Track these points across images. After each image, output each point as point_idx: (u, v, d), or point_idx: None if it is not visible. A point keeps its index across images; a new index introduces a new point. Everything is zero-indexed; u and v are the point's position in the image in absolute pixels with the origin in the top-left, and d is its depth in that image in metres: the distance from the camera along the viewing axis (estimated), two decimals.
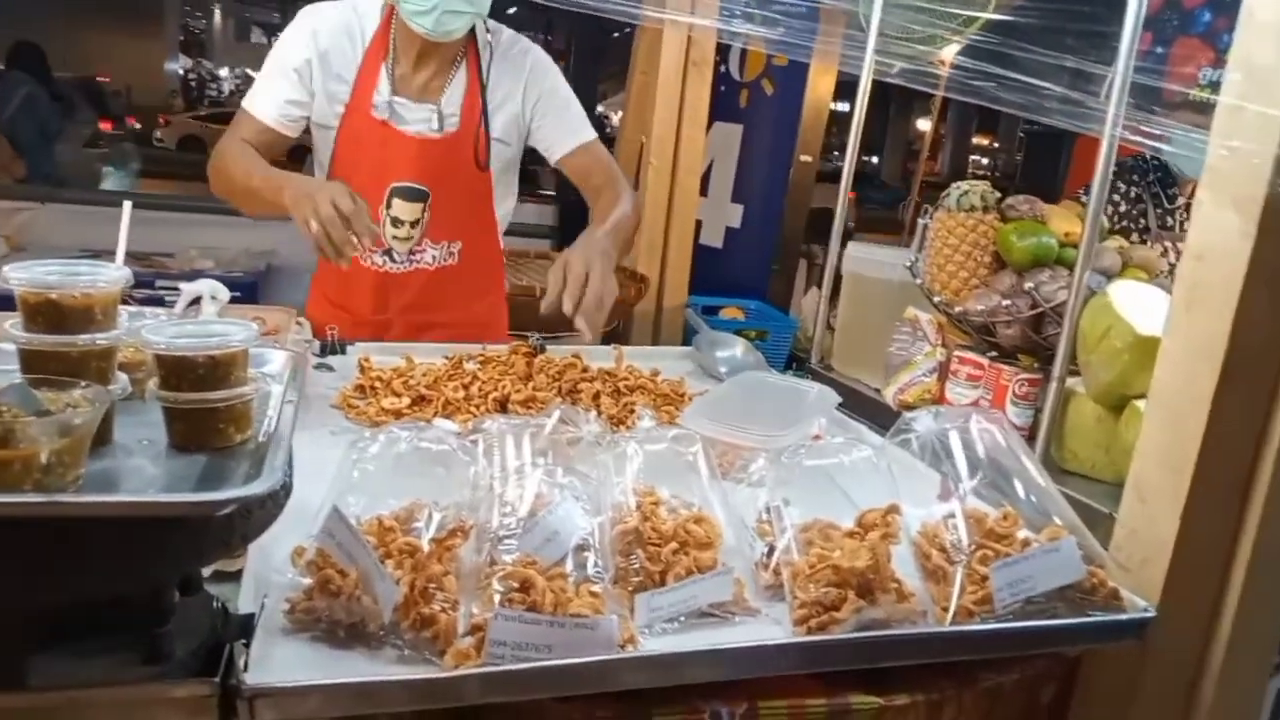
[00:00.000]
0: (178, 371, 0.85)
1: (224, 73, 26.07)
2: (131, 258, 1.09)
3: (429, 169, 1.99)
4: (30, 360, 0.83)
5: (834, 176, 2.31)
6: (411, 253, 2.05)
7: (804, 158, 3.76)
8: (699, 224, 3.52)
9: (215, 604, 0.88)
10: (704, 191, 3.62)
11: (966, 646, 1.06)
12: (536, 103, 2.05)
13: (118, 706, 0.79)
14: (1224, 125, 1.17)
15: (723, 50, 3.69)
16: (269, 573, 0.99)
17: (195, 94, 22.59)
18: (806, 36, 2.21)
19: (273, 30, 25.04)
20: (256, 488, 0.73)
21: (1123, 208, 2.75)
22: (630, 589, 1.04)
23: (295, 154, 2.31)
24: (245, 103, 1.97)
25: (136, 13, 18.02)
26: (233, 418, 0.88)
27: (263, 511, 0.81)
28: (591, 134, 2.08)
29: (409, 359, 1.84)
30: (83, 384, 0.78)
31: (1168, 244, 2.23)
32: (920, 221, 1.95)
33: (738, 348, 2.15)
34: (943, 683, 1.10)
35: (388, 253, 2.04)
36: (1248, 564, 1.19)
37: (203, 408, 0.85)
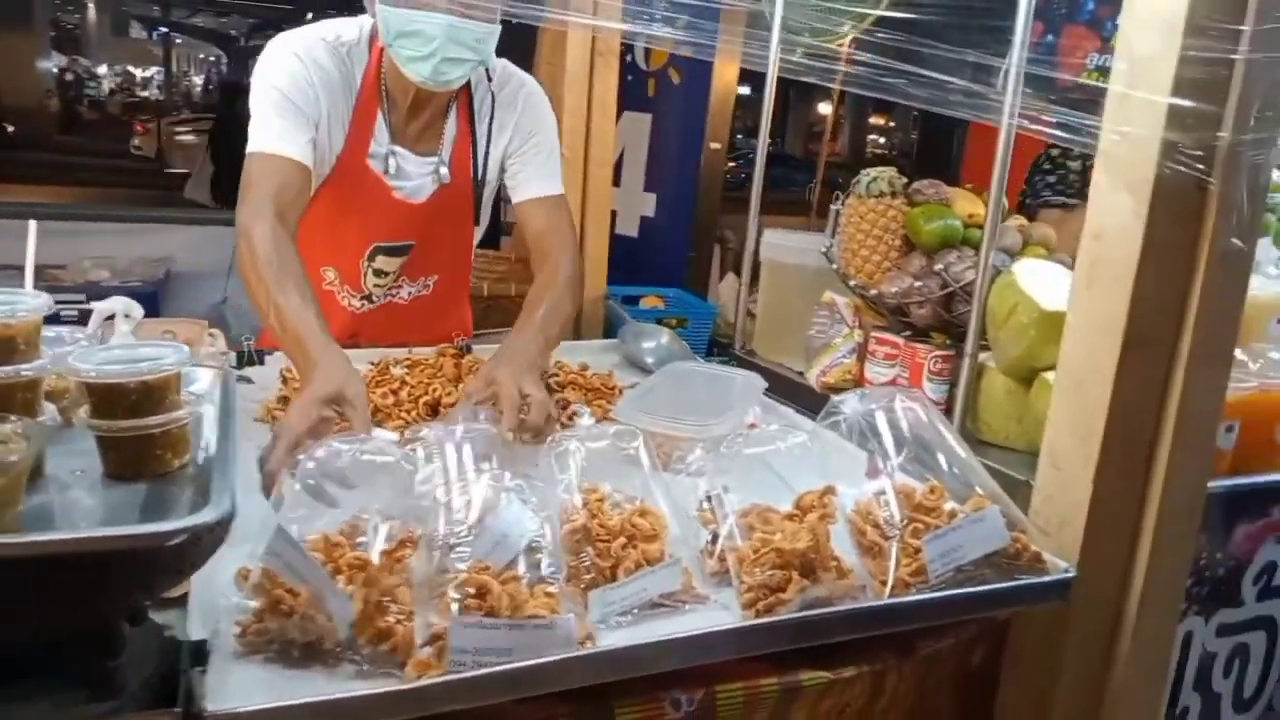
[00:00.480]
0: (110, 399, 0.83)
1: (102, 70, 24.83)
2: (17, 271, 1.03)
3: (417, 227, 1.88)
4: None
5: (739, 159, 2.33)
6: (387, 292, 1.97)
7: (713, 144, 3.81)
8: (614, 214, 3.54)
9: (165, 633, 0.86)
10: (616, 181, 3.65)
11: (906, 617, 1.11)
12: (524, 142, 1.90)
13: None
14: (1113, 112, 1.25)
15: (628, 39, 3.71)
16: (214, 596, 0.97)
17: (73, 93, 21.42)
18: (709, 35, 2.24)
19: (152, 24, 23.93)
20: (208, 515, 0.73)
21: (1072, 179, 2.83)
22: (583, 586, 1.06)
23: None
24: (259, 146, 1.64)
25: (4, 8, 16.98)
26: (169, 443, 0.86)
27: (211, 537, 0.80)
28: (561, 188, 1.94)
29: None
30: (12, 418, 0.76)
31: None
32: (832, 208, 2.01)
33: (663, 337, 2.18)
34: (884, 653, 1.16)
35: (366, 297, 1.96)
36: (1154, 521, 1.28)
37: (139, 434, 0.83)
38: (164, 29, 22.73)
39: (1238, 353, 1.38)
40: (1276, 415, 1.60)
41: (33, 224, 1.07)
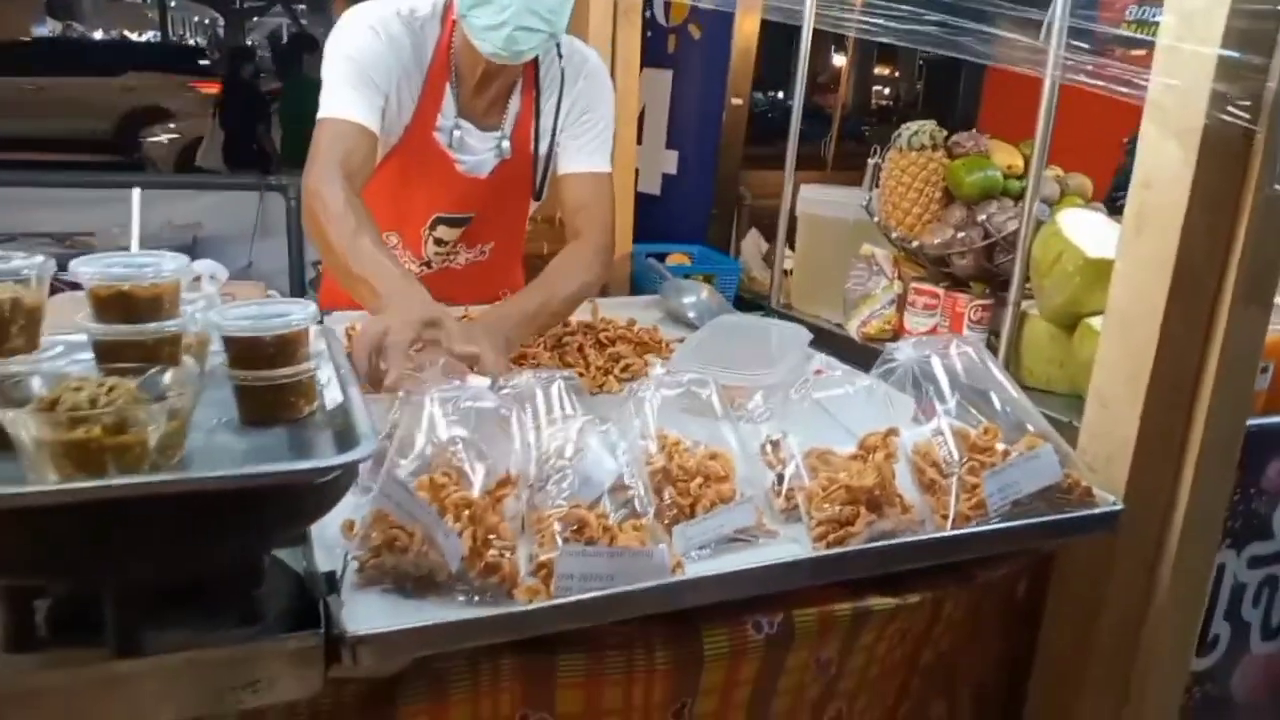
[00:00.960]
0: (250, 351, 0.89)
1: (98, 35, 24.58)
2: (52, 240, 1.08)
3: (478, 200, 1.92)
4: (106, 350, 0.86)
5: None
6: (445, 258, 2.02)
7: (735, 100, 3.82)
8: (636, 172, 3.57)
9: (302, 565, 0.94)
10: (638, 139, 3.67)
11: (968, 547, 1.18)
12: (580, 116, 1.91)
13: (233, 663, 0.85)
14: (1162, 63, 1.29)
15: None
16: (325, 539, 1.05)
17: None
18: None
19: None
20: (362, 451, 0.79)
21: None
22: (666, 522, 1.13)
23: None
24: (331, 109, 1.69)
25: None
26: (301, 391, 0.93)
27: (348, 475, 0.87)
28: (609, 167, 1.94)
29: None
30: (167, 369, 0.82)
31: None
32: (871, 161, 2.05)
33: (703, 292, 2.24)
34: (944, 581, 1.24)
35: (426, 263, 2.01)
36: (1196, 456, 1.35)
37: (275, 384, 0.90)
38: None
39: (1277, 298, 1.44)
40: None
41: (136, 191, 1.13)
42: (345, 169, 1.61)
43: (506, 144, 1.89)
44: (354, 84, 1.69)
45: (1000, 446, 1.27)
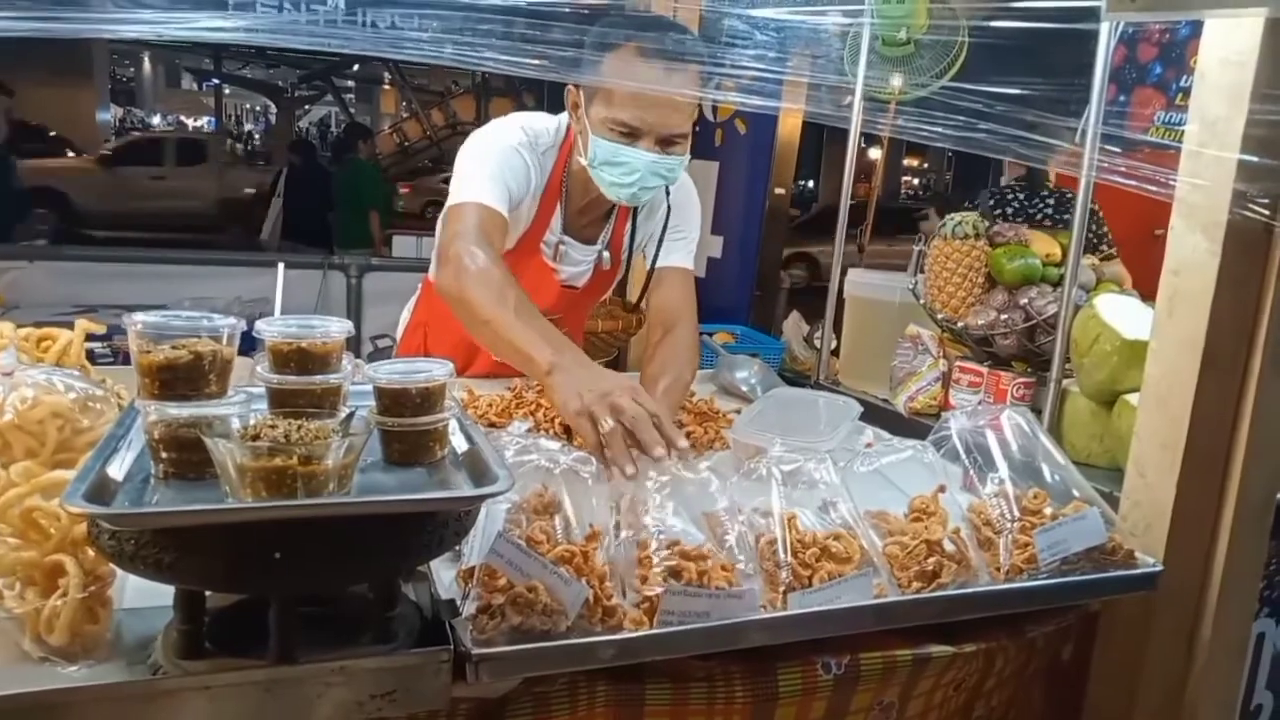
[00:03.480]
0: (398, 401, 1.04)
1: (155, 120, 25.81)
2: (126, 311, 1.20)
3: (569, 304, 2.09)
4: (281, 397, 1.01)
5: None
6: None
7: (778, 190, 4.04)
8: None
9: (430, 590, 1.07)
10: None
11: (1023, 599, 1.29)
12: (673, 228, 2.08)
13: (377, 673, 0.97)
14: (1188, 166, 1.44)
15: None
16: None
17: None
18: (775, 96, 2.47)
19: (203, 76, 24.87)
20: (502, 485, 0.93)
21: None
22: (782, 589, 1.20)
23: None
24: (467, 194, 1.79)
25: (68, 63, 17.79)
26: (438, 437, 1.07)
27: (478, 510, 1.00)
28: (691, 264, 2.10)
29: (470, 391, 2.02)
30: (337, 413, 0.97)
31: None
32: (916, 249, 2.21)
33: (754, 367, 2.38)
34: (996, 634, 1.33)
35: None
36: (1231, 522, 1.44)
37: (419, 429, 1.04)
38: (215, 80, 23.69)
39: None
40: None
41: (280, 265, 1.29)
42: (484, 236, 1.72)
43: (606, 255, 2.07)
44: (491, 176, 1.81)
45: (1049, 510, 1.38)
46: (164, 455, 0.97)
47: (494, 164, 1.83)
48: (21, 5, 1.28)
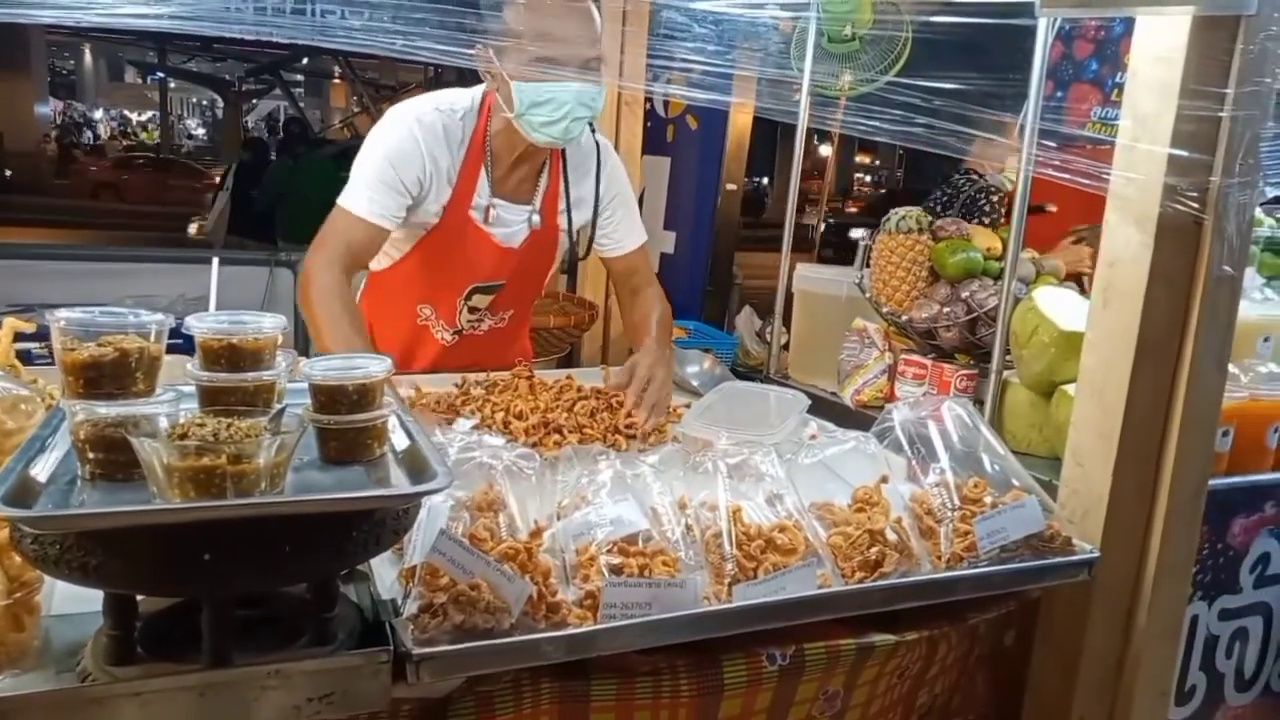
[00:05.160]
0: (334, 398, 1.02)
1: (98, 114, 25.15)
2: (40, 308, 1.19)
3: (510, 269, 2.10)
4: (212, 395, 0.99)
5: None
6: (473, 325, 2.19)
7: (729, 186, 4.05)
8: None
9: (370, 590, 1.05)
10: None
11: (963, 586, 1.30)
12: (610, 201, 2.18)
13: (314, 676, 0.95)
14: (1122, 160, 1.47)
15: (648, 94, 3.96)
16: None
17: (70, 137, 21.69)
18: (725, 90, 2.49)
19: (148, 69, 24.27)
20: (440, 481, 0.92)
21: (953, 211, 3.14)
22: (727, 581, 1.20)
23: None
24: (347, 203, 1.91)
25: (3, 56, 17.27)
26: (375, 434, 1.05)
27: (417, 507, 0.99)
28: (644, 235, 2.27)
29: (417, 389, 2.00)
30: (267, 410, 0.95)
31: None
32: (862, 243, 2.23)
33: (705, 362, 2.39)
34: (939, 621, 1.35)
35: (457, 331, 2.17)
36: (1165, 508, 1.48)
37: (356, 427, 1.02)
38: (160, 74, 23.13)
39: (1230, 367, 1.59)
40: (1266, 421, 1.81)
41: (215, 260, 1.26)
42: (345, 261, 1.88)
43: (537, 216, 2.09)
44: (378, 183, 1.90)
45: (989, 498, 1.41)
46: (90, 456, 0.94)
47: (386, 162, 1.91)
48: None
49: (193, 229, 9.21)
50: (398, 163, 1.92)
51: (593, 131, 2.15)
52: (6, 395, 1.16)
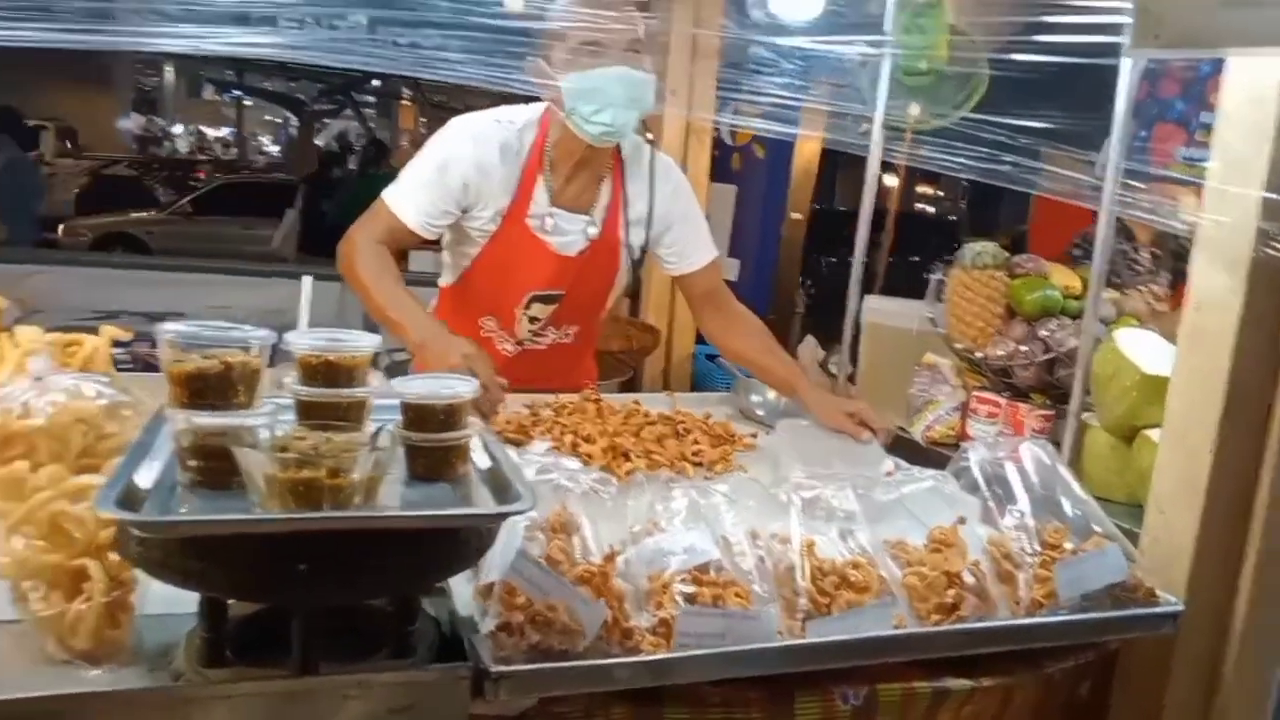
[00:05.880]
0: (423, 416, 1.04)
1: (177, 129, 26.06)
2: (147, 319, 1.25)
3: (569, 278, 2.13)
4: (308, 409, 1.02)
5: None
6: (535, 335, 2.21)
7: (794, 215, 4.05)
8: None
9: (449, 606, 1.07)
10: None
11: (1044, 634, 1.28)
12: (678, 221, 2.19)
13: (395, 688, 0.97)
14: (1212, 203, 1.44)
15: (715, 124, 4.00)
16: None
17: (149, 150, 22.53)
18: (792, 122, 2.51)
19: (225, 87, 25.11)
20: (525, 503, 0.93)
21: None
22: (800, 617, 1.19)
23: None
24: (389, 197, 2.01)
25: (91, 71, 18.03)
26: (460, 453, 1.07)
27: (498, 528, 1.01)
28: (715, 251, 2.28)
29: None
30: (363, 427, 0.97)
31: (1141, 288, 2.52)
32: (935, 277, 2.21)
33: (770, 393, 2.38)
34: (1016, 668, 1.32)
35: (519, 342, 2.20)
36: (1254, 564, 1.43)
37: (443, 445, 1.04)
38: (236, 92, 23.91)
39: None
40: None
41: (307, 279, 1.30)
42: (384, 240, 1.98)
43: (593, 228, 2.12)
44: (426, 189, 1.99)
45: (1069, 544, 1.38)
46: (191, 464, 0.98)
47: (439, 170, 1.99)
48: (64, 18, 1.31)
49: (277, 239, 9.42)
50: (444, 169, 1.99)
51: (651, 145, 2.17)
52: (110, 401, 1.21)
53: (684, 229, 2.21)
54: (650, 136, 2.16)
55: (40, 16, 1.52)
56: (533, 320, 2.18)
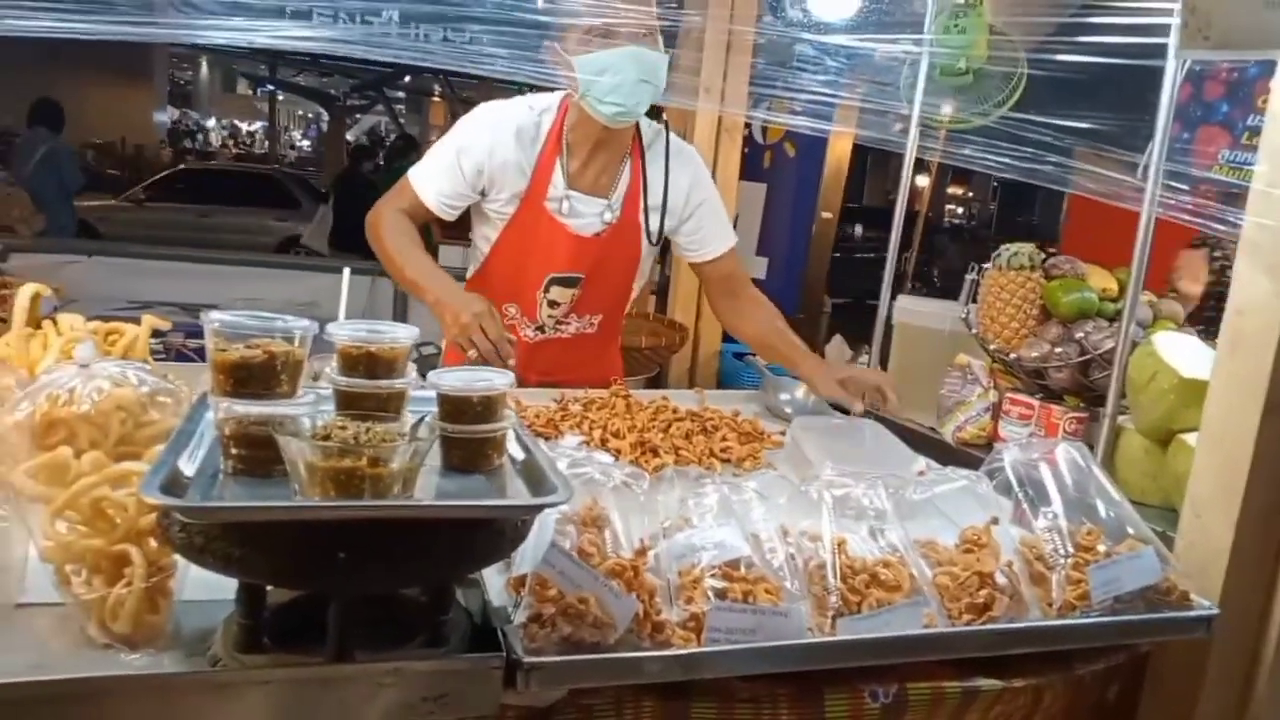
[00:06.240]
0: (459, 408, 1.05)
1: (210, 123, 26.40)
2: (180, 309, 1.27)
3: (588, 260, 2.15)
4: (348, 400, 1.03)
5: None
6: (557, 324, 2.23)
7: (825, 214, 4.03)
8: None
9: (482, 596, 1.08)
10: None
11: (1076, 636, 1.27)
12: (699, 208, 2.22)
13: (429, 676, 0.98)
14: (1256, 205, 1.42)
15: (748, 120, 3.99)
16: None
17: (182, 143, 22.84)
18: (827, 119, 2.50)
19: (259, 82, 25.37)
20: (561, 495, 0.94)
21: None
22: (830, 614, 1.19)
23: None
24: (413, 176, 2.12)
25: (128, 66, 18.28)
26: (496, 445, 1.08)
27: (533, 519, 1.02)
28: (734, 238, 2.33)
29: (518, 402, 2.04)
30: (402, 417, 0.99)
31: None
32: (969, 278, 2.19)
33: (799, 391, 2.37)
34: (1047, 669, 1.31)
35: (539, 328, 2.23)
36: None
37: (479, 437, 1.05)
38: (270, 87, 24.17)
39: None
40: None
41: (346, 271, 1.32)
42: (408, 213, 2.11)
43: (610, 213, 2.15)
44: (445, 172, 2.08)
45: (1102, 548, 1.36)
46: (234, 451, 0.99)
47: (457, 153, 2.08)
48: (120, 9, 1.33)
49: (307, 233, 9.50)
50: (461, 155, 2.06)
51: (666, 130, 2.20)
52: (152, 388, 1.23)
53: (704, 217, 2.23)
54: (666, 119, 2.21)
55: (81, 9, 1.56)
56: (553, 305, 2.20)
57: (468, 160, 2.07)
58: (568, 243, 2.13)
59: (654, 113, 2.15)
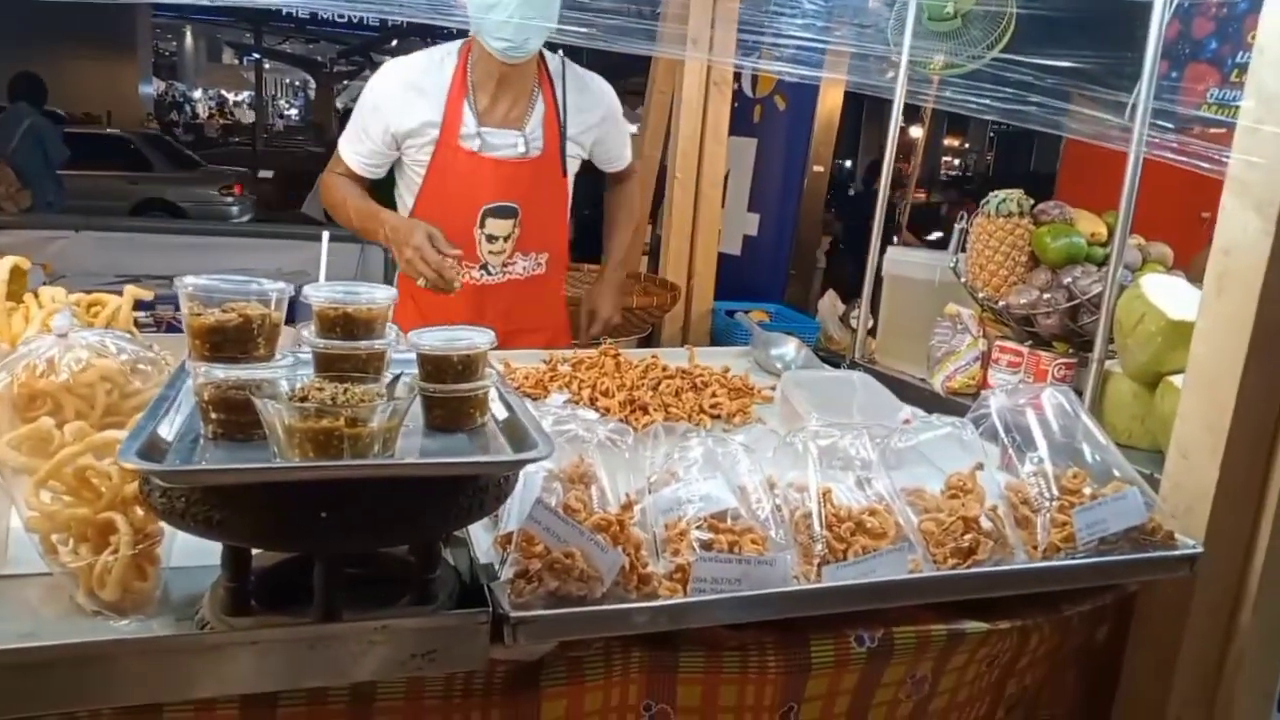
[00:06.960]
0: (441, 367, 1.05)
1: (197, 94, 26.11)
2: (169, 282, 1.24)
3: (517, 188, 2.22)
4: (327, 361, 1.03)
5: None
6: (504, 265, 2.29)
7: (816, 168, 4.00)
8: (719, 233, 3.75)
9: (469, 554, 1.08)
10: (722, 202, 3.85)
11: (1060, 577, 1.28)
12: (609, 128, 2.41)
13: (418, 633, 0.99)
14: (1242, 143, 1.41)
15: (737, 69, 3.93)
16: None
17: (169, 115, 22.58)
18: (817, 66, 2.47)
19: (244, 50, 25.05)
20: (543, 450, 0.94)
21: None
22: (816, 562, 1.21)
23: None
24: (340, 145, 2.28)
25: (112, 37, 18.03)
26: (478, 404, 1.08)
27: (516, 475, 1.02)
28: (631, 157, 2.57)
29: (506, 364, 2.04)
30: (382, 378, 0.98)
31: None
32: (958, 226, 2.18)
33: (790, 346, 2.37)
34: (1032, 611, 1.32)
35: (484, 267, 2.27)
36: (1275, 509, 1.42)
37: (460, 396, 1.05)
38: (255, 55, 23.88)
39: None
40: None
41: (325, 235, 1.31)
42: (346, 177, 2.28)
43: (523, 143, 2.23)
44: (358, 134, 2.22)
45: (1088, 489, 1.37)
46: (213, 416, 0.99)
47: (360, 114, 2.22)
48: None
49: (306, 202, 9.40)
50: (369, 112, 2.19)
51: (564, 60, 2.31)
52: (132, 356, 1.23)
53: (613, 138, 2.43)
54: (563, 56, 2.32)
55: None
56: (491, 239, 2.25)
57: (375, 120, 2.17)
58: (489, 169, 2.20)
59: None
